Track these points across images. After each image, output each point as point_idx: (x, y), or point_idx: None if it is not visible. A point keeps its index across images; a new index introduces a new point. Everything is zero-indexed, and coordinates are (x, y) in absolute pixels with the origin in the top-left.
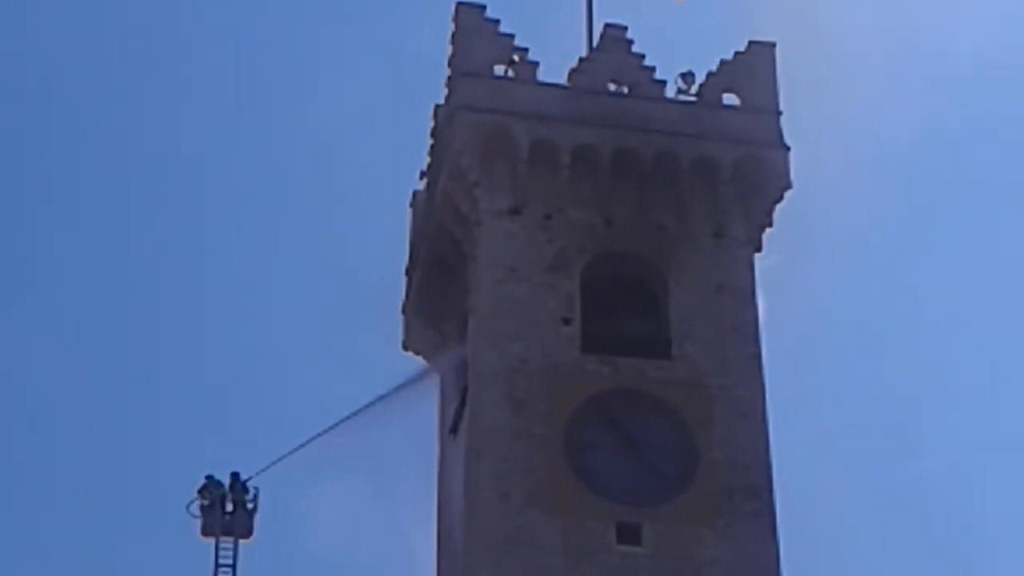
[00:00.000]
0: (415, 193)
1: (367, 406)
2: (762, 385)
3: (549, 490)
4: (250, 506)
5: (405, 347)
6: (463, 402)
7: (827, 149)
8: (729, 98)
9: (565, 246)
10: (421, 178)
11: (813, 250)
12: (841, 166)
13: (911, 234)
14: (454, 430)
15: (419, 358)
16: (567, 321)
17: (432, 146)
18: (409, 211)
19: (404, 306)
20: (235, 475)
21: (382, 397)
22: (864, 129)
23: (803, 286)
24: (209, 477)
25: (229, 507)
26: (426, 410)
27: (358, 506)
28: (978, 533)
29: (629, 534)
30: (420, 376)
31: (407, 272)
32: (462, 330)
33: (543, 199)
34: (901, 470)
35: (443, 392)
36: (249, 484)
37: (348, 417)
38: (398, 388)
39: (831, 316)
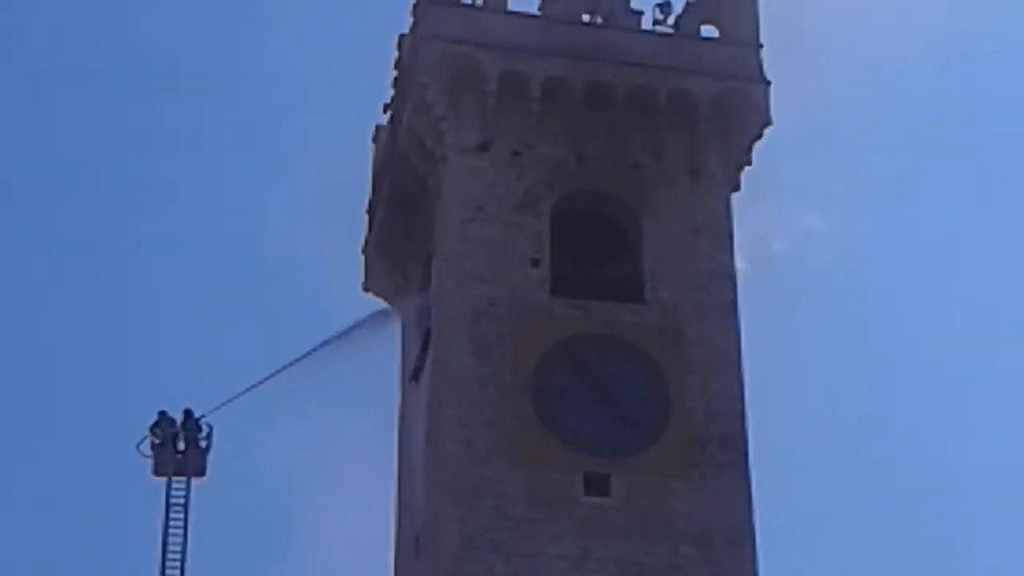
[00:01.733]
0: (378, 127)
1: (324, 344)
2: (738, 332)
3: (515, 439)
4: (203, 444)
5: (366, 288)
6: (425, 347)
7: (809, 85)
8: (708, 30)
9: (535, 184)
10: (385, 111)
11: (792, 190)
12: (824, 103)
13: (896, 172)
14: (416, 377)
15: (380, 300)
16: (536, 263)
17: (396, 78)
18: (372, 146)
19: (365, 245)
20: (188, 412)
21: (340, 335)
22: (849, 64)
23: (781, 228)
24: (161, 414)
25: (181, 445)
26: (386, 353)
27: (314, 447)
28: (952, 486)
29: (597, 485)
30: (381, 318)
31: (369, 210)
32: (426, 271)
33: (512, 134)
34: (879, 422)
35: (405, 337)
36: (202, 422)
37: (304, 355)
38: (357, 327)
39: (810, 258)
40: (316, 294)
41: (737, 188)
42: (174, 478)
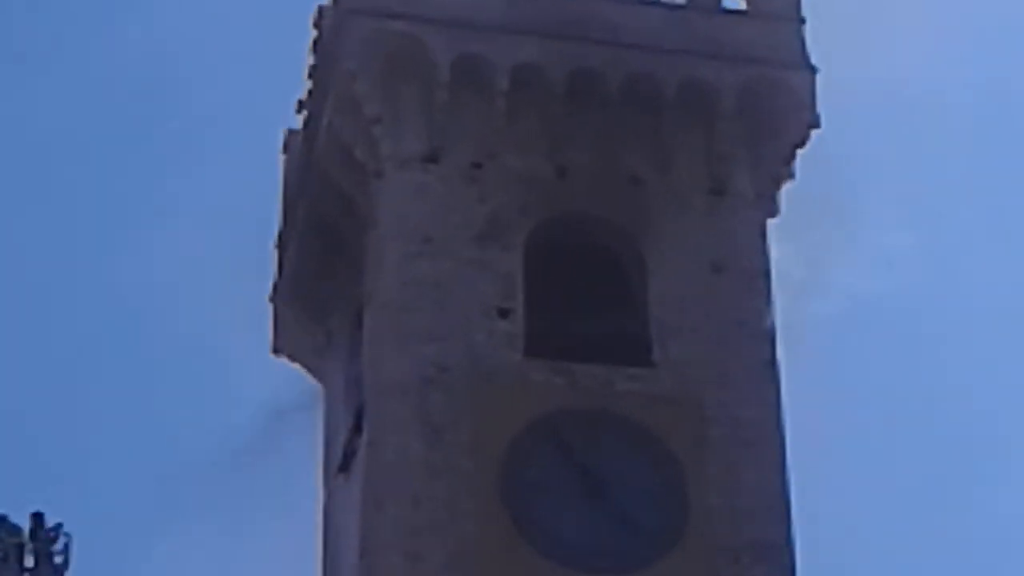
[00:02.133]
0: (290, 132)
1: (224, 448)
2: (777, 402)
3: (479, 550)
4: (58, 560)
5: (275, 349)
6: (358, 428)
7: (872, 72)
8: (732, 1)
9: (502, 207)
10: (299, 111)
11: (843, 211)
12: (893, 96)
13: (971, 187)
14: (345, 467)
15: (295, 365)
16: (504, 313)
17: (314, 66)
18: (281, 158)
19: (274, 292)
20: (37, 516)
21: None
22: (920, 49)
23: (834, 264)
24: (1, 519)
25: (29, 561)
26: (303, 436)
27: (211, 564)
28: None
29: None
30: (295, 403)
31: (278, 243)
32: (356, 326)
33: (471, 141)
34: (959, 512)
35: (329, 414)
36: (59, 531)
37: (198, 465)
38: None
39: (872, 303)
40: (207, 359)
41: (774, 212)
42: None
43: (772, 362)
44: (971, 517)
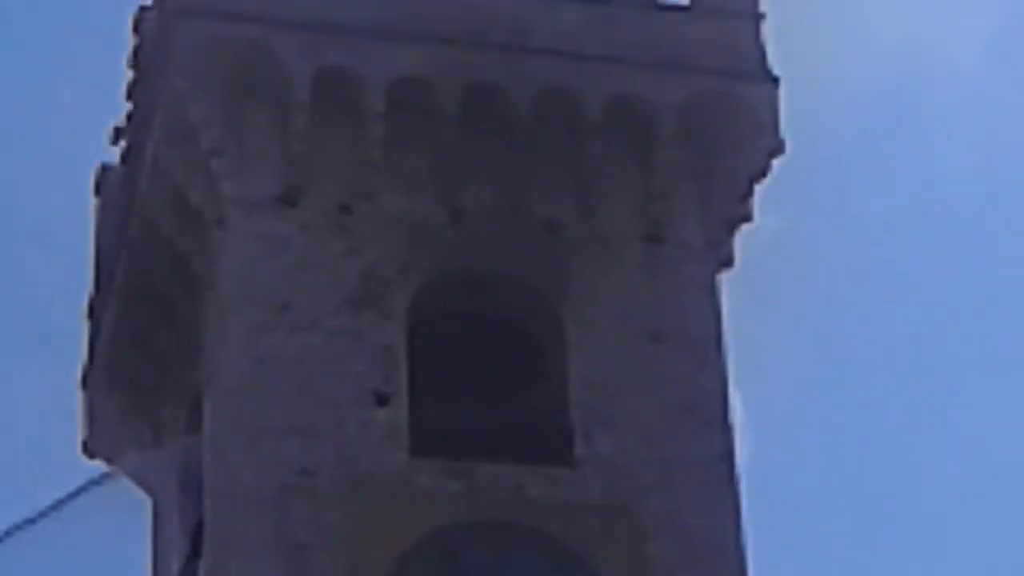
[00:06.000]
0: (103, 169)
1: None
2: (736, 505)
3: None
4: None
5: (87, 450)
6: (195, 551)
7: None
8: None
9: (378, 263)
10: (115, 141)
11: (815, 257)
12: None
13: (968, 225)
14: None
15: (112, 468)
16: (383, 399)
17: (134, 83)
18: (94, 202)
19: (84, 377)
20: None
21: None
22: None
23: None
24: None
25: None
26: (125, 560)
27: None
28: None
29: None
30: (110, 493)
31: (89, 313)
32: (193, 418)
33: (338, 178)
34: None
35: (157, 533)
36: None
37: None
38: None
39: (854, 372)
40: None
41: (729, 262)
42: None
43: (728, 456)
44: None
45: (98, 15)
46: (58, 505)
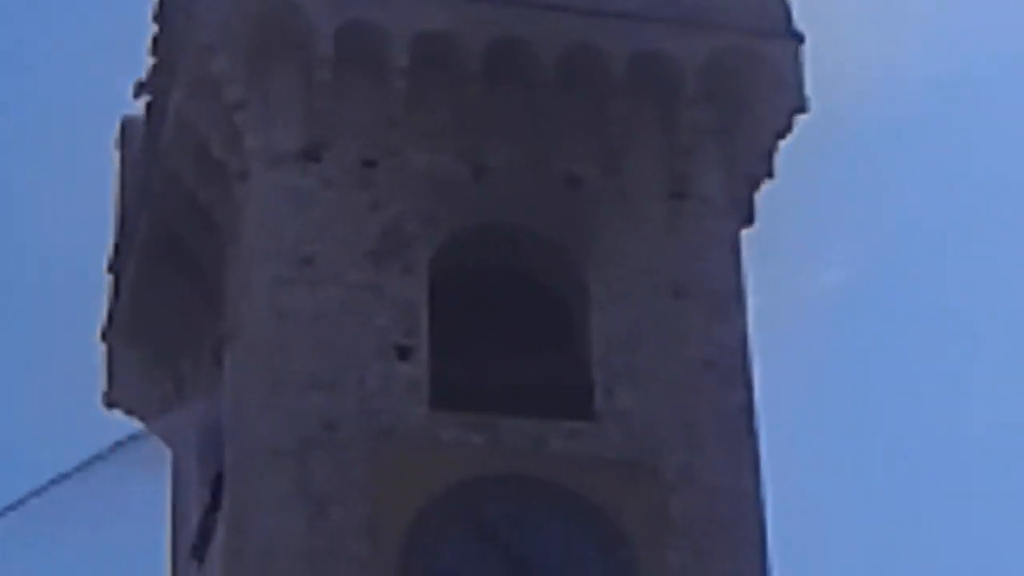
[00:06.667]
0: (126, 122)
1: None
2: (756, 461)
3: None
4: None
5: (109, 402)
6: (216, 503)
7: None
8: None
9: (401, 217)
10: (138, 94)
11: (843, 218)
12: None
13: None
14: (198, 555)
15: (134, 420)
16: (405, 353)
17: (158, 37)
18: (115, 156)
19: (106, 328)
20: None
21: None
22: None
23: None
24: None
25: None
26: (146, 514)
27: None
28: None
29: None
30: (135, 449)
31: (111, 267)
32: (214, 371)
33: (361, 133)
34: None
35: (177, 486)
36: None
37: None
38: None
39: (870, 334)
40: (24, 407)
41: (750, 219)
42: None
43: (749, 411)
44: None
45: None
46: (87, 464)
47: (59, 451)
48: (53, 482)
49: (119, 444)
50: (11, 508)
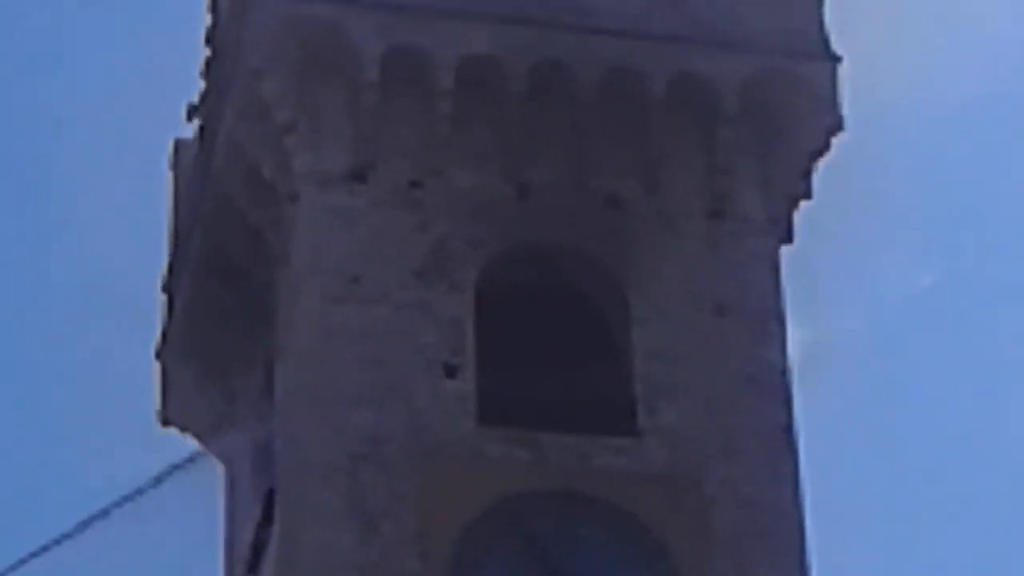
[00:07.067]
0: (178, 144)
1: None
2: (796, 476)
3: None
4: None
5: (164, 419)
6: (269, 517)
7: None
8: None
9: (447, 237)
10: (190, 117)
11: (881, 239)
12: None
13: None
14: (253, 567)
15: (188, 436)
16: (452, 370)
17: (210, 61)
18: (169, 175)
19: (160, 347)
20: None
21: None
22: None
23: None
24: None
25: None
26: (199, 526)
27: None
28: None
29: None
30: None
31: (165, 286)
32: (265, 388)
33: (408, 155)
34: None
35: (231, 499)
36: None
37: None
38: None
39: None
40: (79, 425)
41: (789, 238)
42: None
43: (789, 428)
44: None
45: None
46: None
47: (117, 467)
48: (116, 505)
49: (175, 467)
50: (74, 532)
